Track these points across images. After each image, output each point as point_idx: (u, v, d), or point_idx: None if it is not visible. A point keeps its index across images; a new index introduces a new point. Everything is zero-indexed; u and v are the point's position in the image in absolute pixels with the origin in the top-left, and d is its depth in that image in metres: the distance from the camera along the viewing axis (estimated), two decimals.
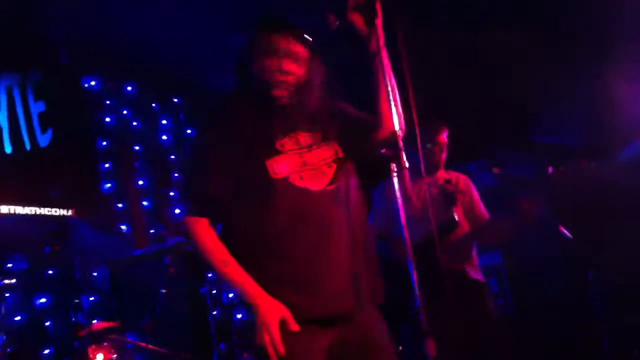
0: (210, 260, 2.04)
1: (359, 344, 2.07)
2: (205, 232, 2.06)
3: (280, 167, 2.06)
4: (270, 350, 1.92)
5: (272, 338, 1.92)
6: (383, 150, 2.14)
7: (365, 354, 2.08)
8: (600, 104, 4.94)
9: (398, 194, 2.00)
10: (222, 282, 4.35)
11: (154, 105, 5.82)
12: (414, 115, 2.04)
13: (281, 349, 1.92)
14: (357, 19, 2.12)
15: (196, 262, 4.02)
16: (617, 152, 4.97)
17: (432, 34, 4.19)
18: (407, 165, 1.98)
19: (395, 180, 2.04)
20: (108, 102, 5.39)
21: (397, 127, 2.00)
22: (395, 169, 2.06)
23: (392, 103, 2.01)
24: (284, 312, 1.95)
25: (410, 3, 2.44)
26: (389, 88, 2.02)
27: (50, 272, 4.35)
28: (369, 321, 2.13)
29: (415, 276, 1.94)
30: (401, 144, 2.00)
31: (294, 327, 1.95)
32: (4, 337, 3.18)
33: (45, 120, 4.73)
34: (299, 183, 2.06)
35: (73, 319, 3.64)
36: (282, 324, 1.94)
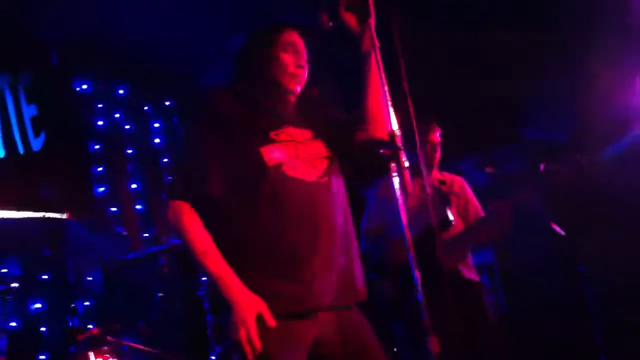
0: (190, 247, 2.00)
1: (346, 343, 2.06)
2: (188, 217, 2.02)
3: (274, 155, 2.06)
4: (247, 347, 1.89)
5: (248, 334, 1.89)
6: (382, 150, 2.13)
7: (353, 354, 2.07)
8: (588, 100, 4.98)
9: (398, 194, 1.99)
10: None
11: (146, 108, 5.81)
12: (412, 114, 2.05)
13: (258, 344, 1.89)
14: (350, 19, 2.15)
15: (192, 264, 4.02)
16: (603, 148, 5.01)
17: (426, 33, 4.20)
18: (407, 164, 1.99)
19: (395, 180, 2.04)
20: (100, 105, 5.38)
21: (394, 127, 2.00)
22: (395, 169, 2.05)
23: (385, 102, 2.01)
24: (262, 307, 1.93)
25: (407, 3, 2.45)
26: (383, 87, 2.02)
27: (44, 276, 4.33)
28: (355, 321, 2.12)
29: (417, 273, 1.93)
30: (399, 143, 2.00)
31: (271, 322, 1.92)
32: (6, 339, 3.16)
33: (38, 124, 4.72)
34: (292, 173, 2.07)
35: (70, 324, 3.62)
36: (259, 319, 1.92)
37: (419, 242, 2.35)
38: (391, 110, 2.01)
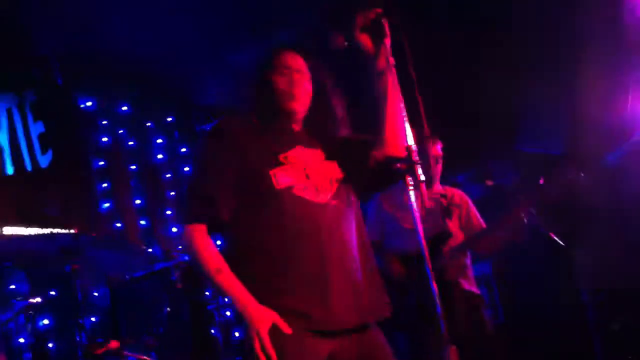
0: (204, 267, 2.05)
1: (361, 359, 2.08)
2: (202, 239, 2.08)
3: (284, 177, 2.11)
4: (262, 357, 1.93)
5: (262, 344, 1.92)
6: (398, 164, 2.15)
7: None
8: (583, 111, 5.02)
9: (415, 207, 1.99)
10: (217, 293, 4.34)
11: (148, 124, 5.86)
12: (425, 128, 2.09)
13: (273, 354, 1.93)
14: (365, 40, 2.19)
15: (202, 279, 4.05)
16: (601, 158, 5.06)
17: (425, 33, 4.18)
18: (422, 178, 2.02)
19: (412, 193, 2.02)
20: (104, 122, 5.43)
21: (410, 141, 2.03)
22: (411, 182, 2.08)
23: (402, 120, 2.05)
24: (275, 317, 1.97)
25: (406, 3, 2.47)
26: (400, 105, 2.06)
27: (52, 292, 4.34)
28: (374, 340, 2.14)
29: (434, 284, 1.95)
30: (416, 157, 2.02)
31: (287, 330, 1.96)
32: (30, 355, 3.17)
33: (45, 141, 4.76)
34: (302, 194, 2.11)
35: (77, 339, 3.62)
36: (274, 328, 1.95)
37: (420, 256, 2.39)
38: (407, 125, 2.06)
